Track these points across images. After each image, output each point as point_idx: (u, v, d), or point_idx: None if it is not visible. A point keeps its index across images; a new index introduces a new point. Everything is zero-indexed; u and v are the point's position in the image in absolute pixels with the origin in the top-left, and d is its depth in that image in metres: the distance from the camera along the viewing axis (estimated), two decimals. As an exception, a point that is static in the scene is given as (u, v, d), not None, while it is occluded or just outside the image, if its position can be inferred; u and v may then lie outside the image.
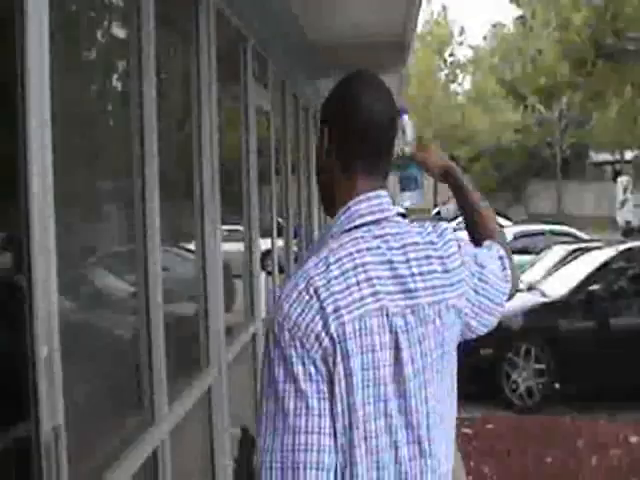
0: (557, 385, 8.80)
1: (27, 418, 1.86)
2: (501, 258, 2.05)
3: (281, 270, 7.42)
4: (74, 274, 2.63)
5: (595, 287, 9.20)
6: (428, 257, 1.79)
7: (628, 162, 43.72)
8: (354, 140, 1.85)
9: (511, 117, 45.24)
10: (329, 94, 1.92)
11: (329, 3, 7.30)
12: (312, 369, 1.62)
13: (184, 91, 4.11)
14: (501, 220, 27.52)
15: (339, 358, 1.62)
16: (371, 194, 1.83)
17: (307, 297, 1.65)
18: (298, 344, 1.62)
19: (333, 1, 7.25)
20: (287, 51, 7.38)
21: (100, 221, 3.03)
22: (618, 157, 47.44)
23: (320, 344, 1.62)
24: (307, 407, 1.60)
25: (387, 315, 1.68)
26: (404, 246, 1.78)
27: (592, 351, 8.90)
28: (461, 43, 59.18)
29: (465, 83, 54.45)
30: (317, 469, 1.59)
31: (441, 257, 1.81)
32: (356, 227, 1.79)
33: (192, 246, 4.06)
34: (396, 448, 1.68)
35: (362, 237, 1.76)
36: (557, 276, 10.24)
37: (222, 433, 4.00)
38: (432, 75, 47.75)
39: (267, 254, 6.77)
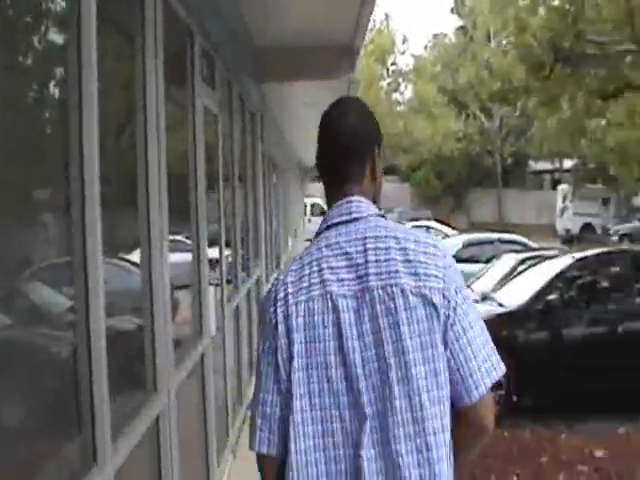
0: (515, 398, 8.53)
1: None
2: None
3: (228, 281, 7.05)
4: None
5: (553, 296, 8.95)
6: (387, 248, 2.05)
7: (567, 171, 44.26)
8: (322, 154, 2.25)
9: (453, 126, 45.49)
10: None
11: (278, 5, 6.98)
12: (267, 343, 2.09)
13: (128, 89, 3.72)
14: (445, 229, 27.48)
15: (280, 334, 2.05)
16: (343, 201, 2.17)
17: (271, 287, 2.16)
18: (263, 324, 2.13)
19: (282, 3, 6.94)
20: (234, 51, 7.02)
21: (33, 230, 2.61)
22: (557, 165, 48.00)
23: (271, 323, 2.08)
24: (260, 371, 2.10)
25: (331, 299, 2.03)
26: (365, 238, 2.08)
27: (550, 362, 8.66)
28: (403, 52, 59.73)
29: (407, 92, 54.65)
30: (261, 417, 2.09)
31: (404, 249, 2.05)
32: (327, 228, 2.16)
33: (136, 258, 3.65)
34: (339, 409, 2.00)
35: (326, 237, 2.13)
36: (512, 285, 9.96)
37: (172, 468, 3.60)
38: (375, 84, 47.75)
39: (212, 264, 6.39)
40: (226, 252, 6.88)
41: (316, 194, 43.22)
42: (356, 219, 2.12)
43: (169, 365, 3.68)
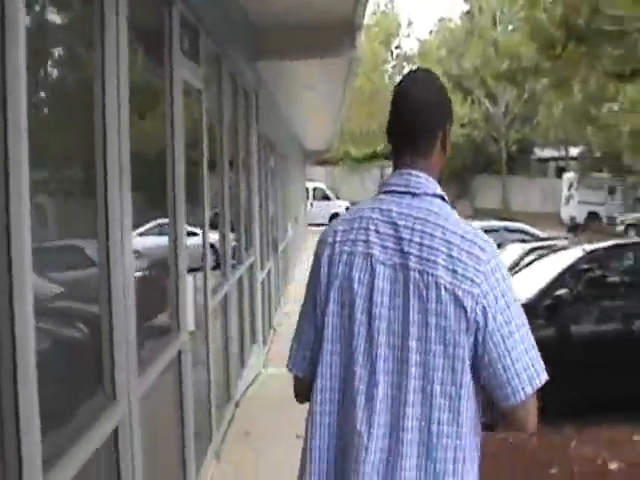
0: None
1: None
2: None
3: (217, 265, 6.59)
4: None
5: (562, 291, 8.30)
6: (432, 235, 2.09)
7: (573, 159, 43.74)
8: (392, 123, 2.28)
9: (458, 111, 44.93)
10: None
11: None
12: (312, 279, 2.26)
13: (79, 64, 3.26)
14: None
15: (323, 275, 2.20)
16: (404, 171, 2.23)
17: (324, 231, 2.31)
18: (313, 261, 2.28)
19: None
20: (224, 25, 6.52)
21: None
22: (563, 153, 47.46)
23: (318, 264, 2.23)
24: (303, 306, 2.30)
25: (371, 262, 2.12)
26: (416, 218, 2.12)
27: (558, 361, 8.12)
28: (408, 35, 59.16)
29: (411, 76, 54.04)
30: (297, 343, 2.31)
31: (449, 242, 2.08)
32: (384, 193, 2.23)
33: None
34: (356, 366, 2.10)
35: (382, 200, 2.21)
36: (518, 278, 9.40)
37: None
38: (379, 67, 47.13)
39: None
40: (214, 237, 6.44)
41: (318, 178, 42.77)
42: (411, 194, 2.17)
43: (130, 368, 3.22)
